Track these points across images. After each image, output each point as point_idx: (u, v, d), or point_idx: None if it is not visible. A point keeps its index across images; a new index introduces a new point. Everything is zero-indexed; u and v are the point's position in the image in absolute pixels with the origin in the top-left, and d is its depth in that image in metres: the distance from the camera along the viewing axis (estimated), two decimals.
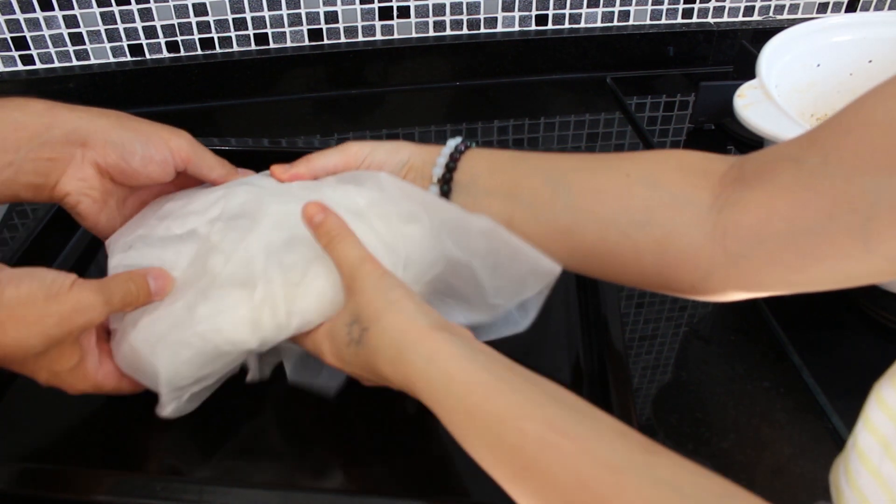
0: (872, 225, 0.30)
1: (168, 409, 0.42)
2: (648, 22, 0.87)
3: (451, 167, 0.47)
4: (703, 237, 0.37)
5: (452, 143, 0.48)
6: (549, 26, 0.86)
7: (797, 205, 0.33)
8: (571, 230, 0.42)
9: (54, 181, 0.44)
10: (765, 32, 0.82)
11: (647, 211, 0.39)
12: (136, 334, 0.42)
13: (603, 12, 0.86)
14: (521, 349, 0.51)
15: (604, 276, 0.44)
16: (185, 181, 0.50)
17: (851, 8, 0.89)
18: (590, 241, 0.41)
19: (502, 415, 0.32)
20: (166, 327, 0.41)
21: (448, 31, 0.85)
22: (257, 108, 0.83)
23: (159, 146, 0.45)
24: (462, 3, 0.83)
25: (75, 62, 0.80)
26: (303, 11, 0.81)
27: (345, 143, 0.50)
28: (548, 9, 0.84)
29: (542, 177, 0.44)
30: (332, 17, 0.82)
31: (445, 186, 0.47)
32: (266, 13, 0.80)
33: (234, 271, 0.42)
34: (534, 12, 0.84)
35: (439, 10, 0.83)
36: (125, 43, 0.80)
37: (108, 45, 0.79)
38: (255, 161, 0.67)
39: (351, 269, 0.40)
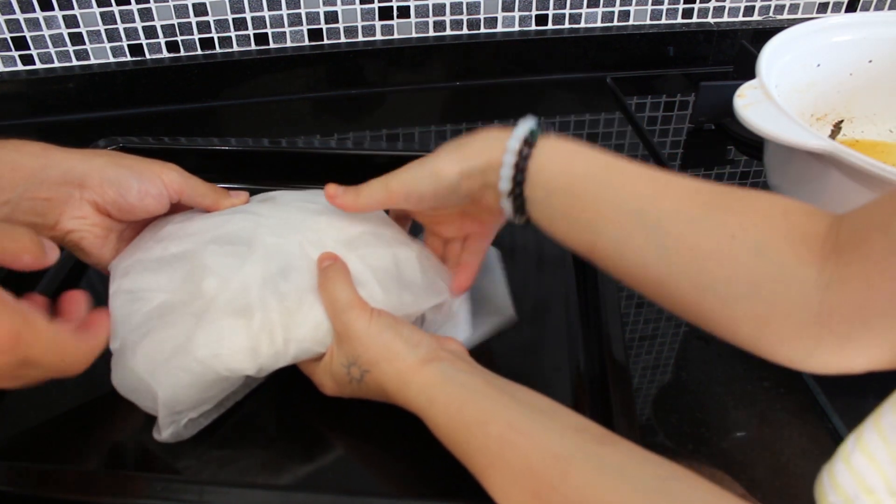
0: None
1: (166, 433, 0.43)
2: (648, 22, 0.87)
3: (519, 180, 0.41)
4: (808, 317, 0.34)
5: (514, 143, 0.41)
6: (549, 26, 0.86)
7: (893, 281, 0.31)
8: (662, 283, 0.38)
9: (53, 221, 0.45)
10: (765, 32, 0.82)
11: (751, 283, 0.35)
12: (136, 358, 0.43)
13: (603, 12, 0.86)
14: (522, 349, 0.52)
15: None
16: (179, 209, 0.51)
17: (851, 8, 0.89)
18: (681, 300, 0.38)
19: (471, 421, 0.37)
20: (166, 353, 0.42)
21: (448, 31, 0.85)
22: (257, 108, 0.83)
23: (153, 180, 0.47)
24: (462, 3, 0.83)
25: (75, 62, 0.80)
26: (303, 11, 0.81)
27: (432, 165, 0.44)
28: (548, 9, 0.84)
29: (634, 216, 0.38)
30: (332, 17, 0.82)
31: (518, 201, 0.42)
32: (266, 13, 0.80)
33: (231, 298, 0.43)
34: (534, 12, 0.85)
35: (439, 10, 0.83)
36: (125, 43, 0.80)
37: (108, 45, 0.80)
38: (255, 161, 0.67)
39: (340, 313, 0.43)
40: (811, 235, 0.35)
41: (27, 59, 0.79)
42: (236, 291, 0.43)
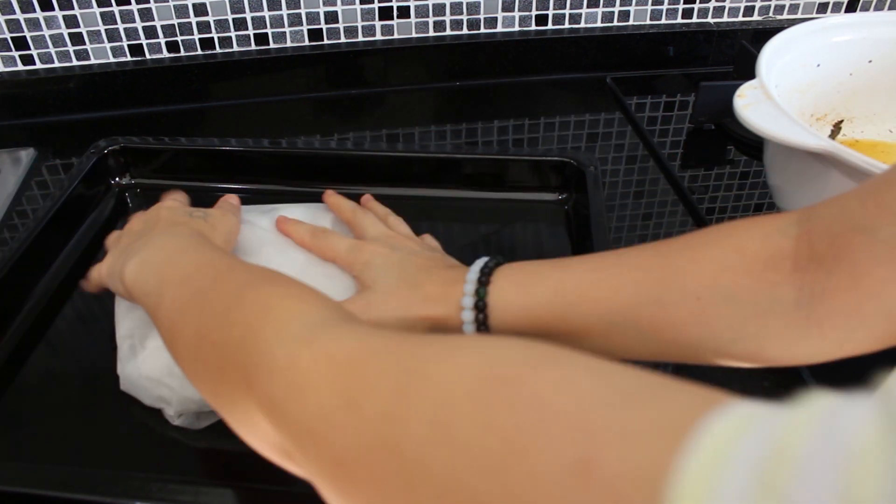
0: None
1: (177, 420, 0.44)
2: (648, 22, 0.87)
3: (482, 329, 0.41)
4: (798, 335, 0.35)
5: (468, 300, 0.41)
6: (549, 26, 0.86)
7: (883, 282, 0.32)
8: (658, 355, 0.40)
9: None
10: (765, 32, 0.82)
11: (732, 329, 0.36)
12: (145, 354, 0.44)
13: (603, 12, 0.86)
14: None
15: None
16: None
17: (851, 8, 0.89)
18: (678, 358, 0.39)
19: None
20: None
21: (448, 31, 0.85)
22: (257, 108, 0.83)
23: None
24: (462, 3, 0.83)
25: (75, 62, 0.80)
26: (303, 11, 0.81)
27: (398, 312, 0.44)
28: (548, 9, 0.84)
29: (603, 323, 0.39)
30: (332, 17, 0.82)
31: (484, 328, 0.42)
32: (266, 13, 0.80)
33: None
34: (534, 12, 0.84)
35: (439, 10, 0.83)
36: (125, 43, 0.80)
37: (108, 45, 0.80)
38: (255, 161, 0.67)
39: None
40: (776, 258, 0.35)
41: (27, 59, 0.79)
42: None
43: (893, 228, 0.31)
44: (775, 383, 0.49)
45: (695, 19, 0.88)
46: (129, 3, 0.77)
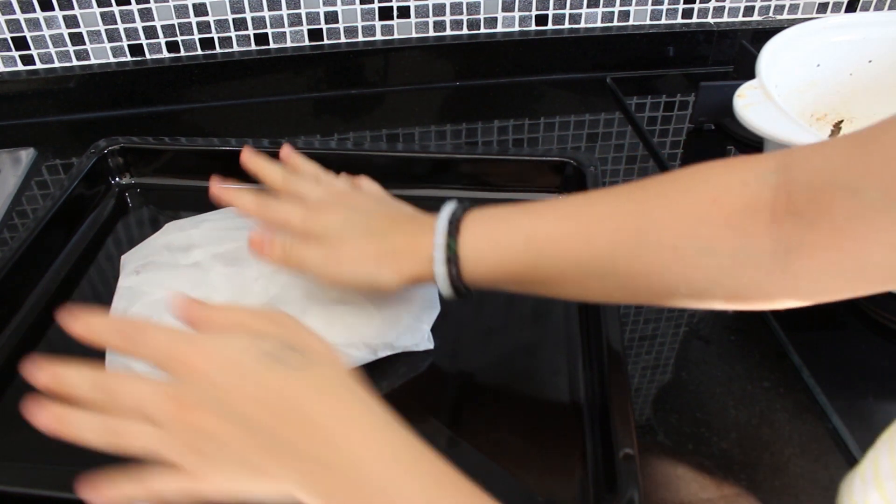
0: None
1: None
2: (648, 22, 0.87)
3: (458, 286, 0.41)
4: (773, 285, 0.35)
5: (440, 248, 0.40)
6: (549, 26, 0.86)
7: (863, 242, 0.32)
8: (632, 300, 0.41)
9: None
10: (765, 32, 0.82)
11: (708, 279, 0.37)
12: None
13: (603, 12, 0.86)
14: (521, 350, 0.51)
15: None
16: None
17: (851, 8, 0.89)
18: (655, 304, 0.41)
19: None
20: None
21: (448, 31, 0.85)
22: (257, 108, 0.83)
23: None
24: (462, 3, 0.83)
25: (75, 62, 0.80)
26: (303, 11, 0.81)
27: (373, 280, 0.43)
28: (548, 9, 0.84)
29: (580, 271, 0.39)
30: (332, 17, 0.82)
31: (467, 295, 0.42)
32: (266, 13, 0.80)
33: None
34: (534, 12, 0.84)
35: (439, 10, 0.83)
36: (125, 43, 0.80)
37: (108, 45, 0.80)
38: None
39: None
40: (754, 208, 0.35)
41: (27, 59, 0.79)
42: None
43: (878, 193, 0.31)
44: (775, 383, 0.50)
45: (695, 19, 0.88)
46: (129, 3, 0.77)
